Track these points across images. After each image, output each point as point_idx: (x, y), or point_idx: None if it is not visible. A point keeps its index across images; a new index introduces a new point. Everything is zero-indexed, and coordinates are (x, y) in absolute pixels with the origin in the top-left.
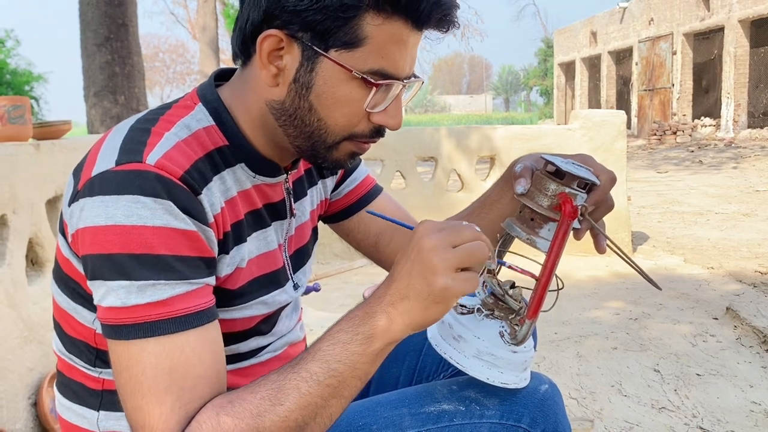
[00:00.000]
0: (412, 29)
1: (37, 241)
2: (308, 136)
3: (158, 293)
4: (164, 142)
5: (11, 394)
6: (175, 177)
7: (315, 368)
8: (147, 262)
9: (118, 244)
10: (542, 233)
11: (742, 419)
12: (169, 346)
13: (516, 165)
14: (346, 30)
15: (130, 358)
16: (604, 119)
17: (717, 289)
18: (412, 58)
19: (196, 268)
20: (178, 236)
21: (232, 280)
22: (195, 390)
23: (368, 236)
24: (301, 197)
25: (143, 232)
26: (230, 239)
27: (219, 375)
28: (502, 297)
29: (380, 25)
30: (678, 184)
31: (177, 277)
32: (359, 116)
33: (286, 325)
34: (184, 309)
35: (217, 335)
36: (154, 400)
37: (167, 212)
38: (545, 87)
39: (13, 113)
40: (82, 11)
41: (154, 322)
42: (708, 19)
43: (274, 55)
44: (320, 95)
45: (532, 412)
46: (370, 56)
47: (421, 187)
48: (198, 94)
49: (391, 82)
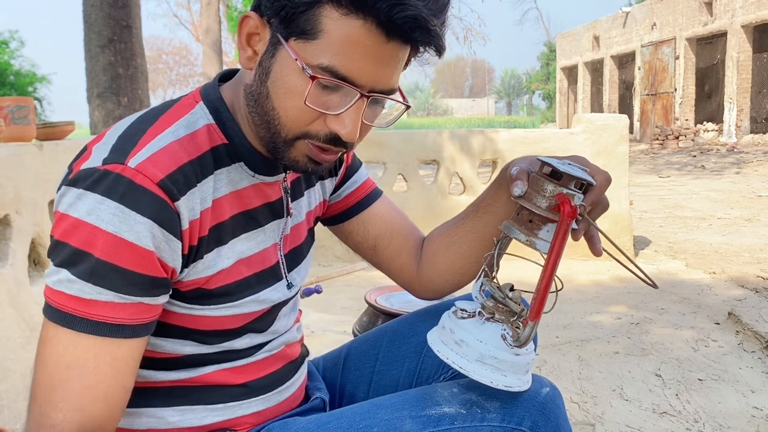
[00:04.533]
0: (377, 34)
1: (40, 242)
2: (267, 126)
3: (83, 291)
4: (156, 143)
5: (13, 394)
6: (154, 181)
7: None
8: (86, 261)
9: (71, 236)
10: (541, 234)
11: (744, 424)
12: (75, 342)
13: (511, 167)
14: (304, 19)
15: (47, 336)
16: (607, 123)
17: (719, 294)
18: (382, 70)
19: (133, 285)
20: (125, 248)
21: (212, 282)
22: (80, 398)
23: (367, 239)
24: (298, 197)
25: (96, 233)
26: (206, 243)
27: (110, 394)
28: (502, 300)
29: (338, 20)
30: (680, 188)
31: (106, 285)
32: (307, 112)
33: (284, 324)
34: (101, 316)
35: (129, 356)
36: (44, 388)
37: (124, 222)
38: (548, 91)
39: (18, 114)
40: (86, 13)
41: (71, 315)
42: (711, 24)
43: (253, 39)
44: (275, 82)
45: (533, 415)
46: (324, 51)
47: (423, 190)
48: (200, 92)
49: (340, 84)
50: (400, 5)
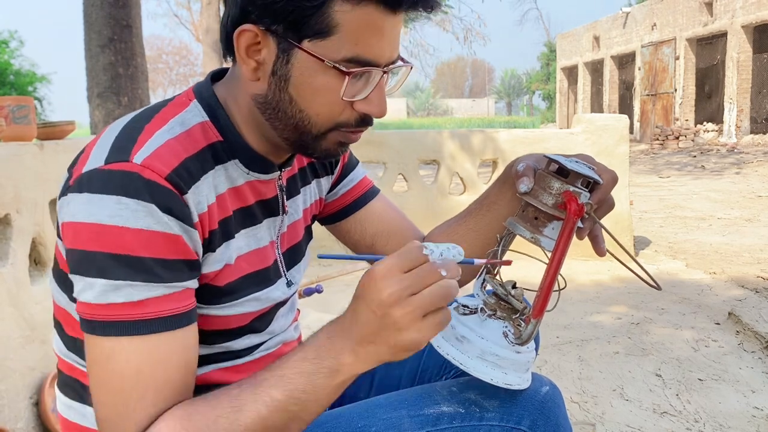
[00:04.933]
0: (386, 12)
1: (40, 241)
2: (294, 128)
3: (134, 294)
4: (154, 140)
5: (13, 393)
6: (162, 176)
7: (277, 395)
8: (125, 262)
9: (99, 243)
10: (546, 232)
11: (744, 424)
12: (140, 346)
13: (517, 164)
14: (315, 19)
15: (102, 354)
16: (607, 123)
17: (719, 294)
18: (392, 43)
19: (176, 271)
20: (158, 239)
21: (220, 277)
22: (159, 393)
23: (365, 237)
24: (294, 195)
25: (124, 233)
26: (217, 236)
27: (185, 381)
28: (505, 297)
29: (350, 12)
30: (680, 188)
31: (154, 279)
32: (340, 105)
33: (281, 324)
34: (159, 311)
35: (190, 341)
36: (119, 398)
37: (149, 215)
38: (548, 91)
39: (18, 113)
40: (87, 12)
41: (129, 322)
42: (711, 25)
43: (252, 50)
44: (298, 86)
45: (532, 414)
46: (343, 44)
47: (423, 190)
48: (194, 91)
49: (368, 70)
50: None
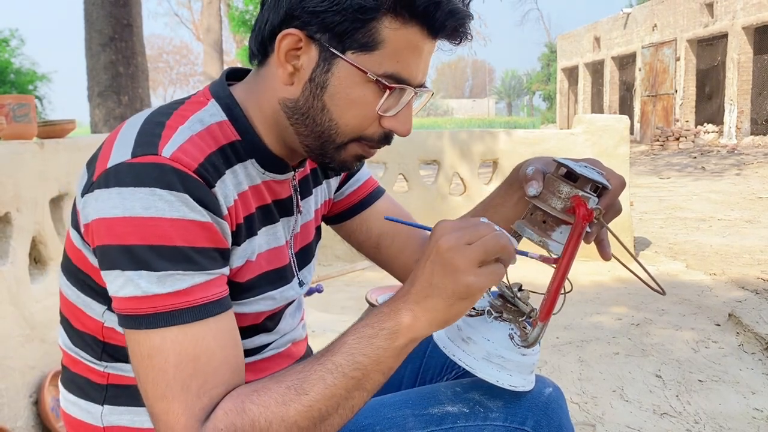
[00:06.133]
0: (427, 37)
1: (41, 240)
2: (318, 136)
3: (178, 283)
4: (178, 136)
5: (12, 392)
6: (190, 170)
7: (340, 360)
8: (165, 253)
9: (137, 236)
10: (554, 236)
11: (744, 426)
12: (191, 334)
13: (526, 167)
14: (363, 32)
15: (152, 347)
16: (607, 124)
17: (719, 295)
18: (425, 67)
19: (212, 259)
20: (194, 228)
21: (242, 273)
22: (218, 376)
23: (370, 237)
24: (307, 196)
25: (161, 223)
26: (243, 231)
27: (238, 361)
28: (512, 299)
29: (397, 30)
30: (680, 190)
31: (195, 267)
32: (371, 119)
33: (290, 323)
34: (203, 298)
35: (233, 323)
36: (179, 387)
37: (184, 204)
38: (548, 92)
39: (18, 111)
40: (87, 11)
41: (175, 311)
42: (711, 26)
43: (291, 55)
44: (334, 95)
45: (536, 415)
46: (385, 60)
47: (423, 191)
48: (210, 90)
49: (404, 88)
50: (453, 14)
